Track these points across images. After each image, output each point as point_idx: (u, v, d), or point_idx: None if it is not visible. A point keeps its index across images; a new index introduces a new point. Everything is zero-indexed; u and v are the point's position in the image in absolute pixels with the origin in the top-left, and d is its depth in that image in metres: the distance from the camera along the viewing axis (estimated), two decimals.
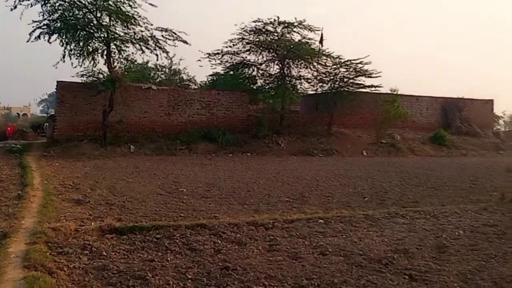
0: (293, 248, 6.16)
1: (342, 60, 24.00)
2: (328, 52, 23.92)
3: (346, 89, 24.45)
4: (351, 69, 24.10)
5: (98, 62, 19.74)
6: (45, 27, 18.06)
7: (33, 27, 17.94)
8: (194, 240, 6.38)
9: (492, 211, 8.93)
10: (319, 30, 23.65)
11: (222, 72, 27.24)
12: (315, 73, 24.55)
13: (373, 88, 24.58)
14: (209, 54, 24.39)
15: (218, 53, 24.33)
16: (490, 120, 31.94)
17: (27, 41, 18.02)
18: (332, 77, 24.42)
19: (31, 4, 17.61)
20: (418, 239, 6.77)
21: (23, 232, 6.48)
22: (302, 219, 7.78)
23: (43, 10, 17.97)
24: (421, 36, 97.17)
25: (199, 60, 25.02)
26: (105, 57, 19.25)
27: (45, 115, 49.08)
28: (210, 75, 30.13)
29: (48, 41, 18.20)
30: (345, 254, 5.93)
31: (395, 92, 25.28)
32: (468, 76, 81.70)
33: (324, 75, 24.53)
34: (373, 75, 24.08)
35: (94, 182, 11.59)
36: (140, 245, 6.17)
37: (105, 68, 19.83)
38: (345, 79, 24.34)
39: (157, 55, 19.74)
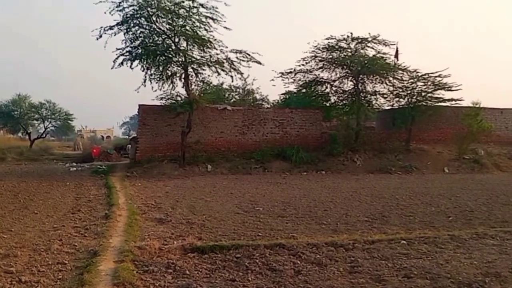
0: (375, 270, 5.96)
1: (420, 74, 23.31)
2: (404, 66, 23.34)
3: (424, 104, 23.56)
4: (429, 83, 23.27)
5: (177, 85, 20.58)
6: (127, 54, 19.03)
7: (116, 54, 18.99)
8: (274, 260, 6.36)
9: None
10: (394, 44, 23.16)
11: (295, 90, 27.32)
12: (391, 88, 23.92)
13: (453, 102, 23.51)
14: (282, 73, 24.69)
15: (291, 72, 24.52)
16: None
17: (112, 68, 19.08)
18: (409, 92, 23.64)
19: (115, 33, 18.74)
20: (510, 262, 6.30)
21: (111, 251, 6.83)
22: (383, 240, 7.51)
23: (125, 38, 19.01)
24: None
25: (272, 79, 25.32)
26: (183, 80, 19.94)
27: (127, 137, 51.76)
28: (283, 94, 30.41)
29: (130, 67, 19.15)
30: (431, 277, 5.64)
31: (477, 105, 23.94)
32: None
33: (400, 90, 23.82)
34: (453, 88, 23.10)
35: (175, 201, 11.97)
36: (221, 264, 6.26)
37: (183, 91, 20.63)
38: (423, 93, 23.45)
39: (232, 76, 20.10)
